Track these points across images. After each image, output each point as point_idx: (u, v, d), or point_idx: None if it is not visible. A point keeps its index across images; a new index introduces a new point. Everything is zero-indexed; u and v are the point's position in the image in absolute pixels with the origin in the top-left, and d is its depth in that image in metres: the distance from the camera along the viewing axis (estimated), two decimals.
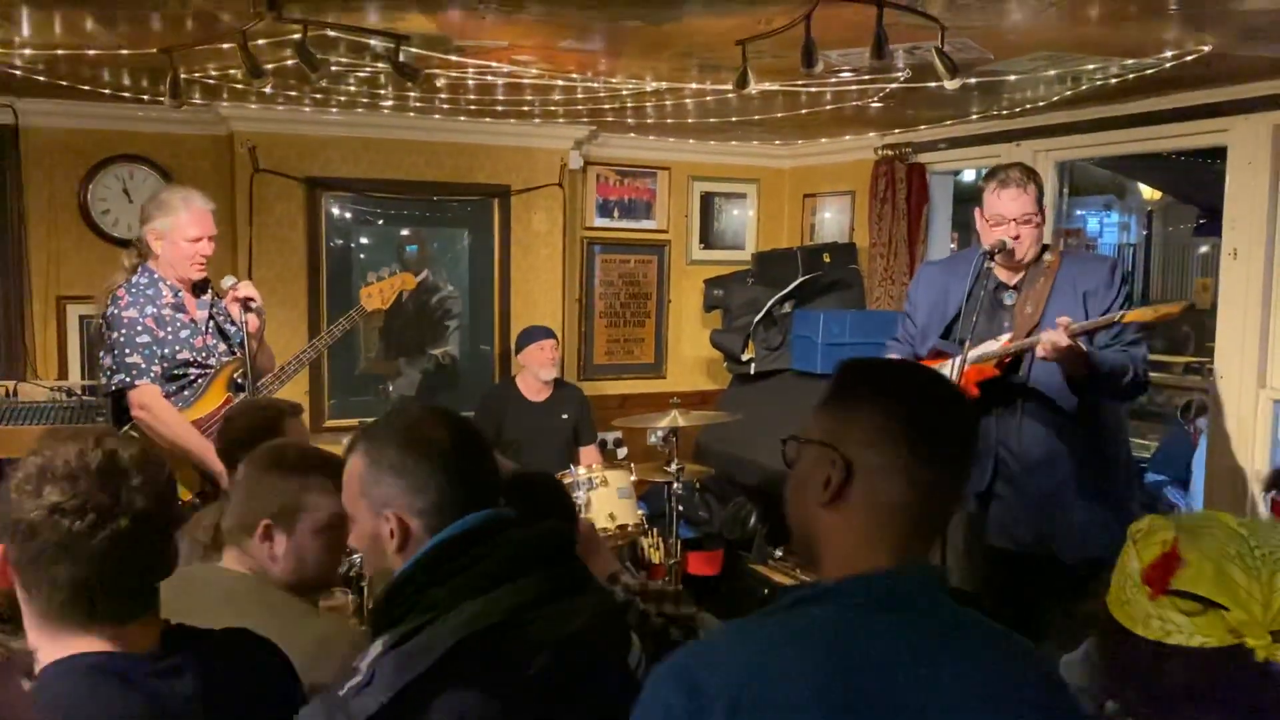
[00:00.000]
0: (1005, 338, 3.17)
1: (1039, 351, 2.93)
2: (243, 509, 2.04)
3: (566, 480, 4.15)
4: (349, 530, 1.65)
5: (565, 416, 4.94)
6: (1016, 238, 3.14)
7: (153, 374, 3.35)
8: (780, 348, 5.34)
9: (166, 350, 3.39)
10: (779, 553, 5.05)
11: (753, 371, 5.43)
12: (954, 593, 1.32)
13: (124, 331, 3.34)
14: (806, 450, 1.32)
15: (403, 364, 5.35)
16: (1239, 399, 3.83)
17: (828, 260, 5.48)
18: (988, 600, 3.20)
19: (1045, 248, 3.28)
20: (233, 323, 3.55)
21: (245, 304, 3.42)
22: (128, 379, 3.32)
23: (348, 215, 5.16)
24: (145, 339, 3.35)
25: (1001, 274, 3.25)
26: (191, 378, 3.45)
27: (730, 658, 1.20)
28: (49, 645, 1.33)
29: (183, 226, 3.42)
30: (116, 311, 3.35)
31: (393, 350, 5.31)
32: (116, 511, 1.29)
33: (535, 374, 4.91)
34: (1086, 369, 2.93)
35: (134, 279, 3.45)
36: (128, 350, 3.32)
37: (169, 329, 3.42)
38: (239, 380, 3.50)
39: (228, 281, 3.51)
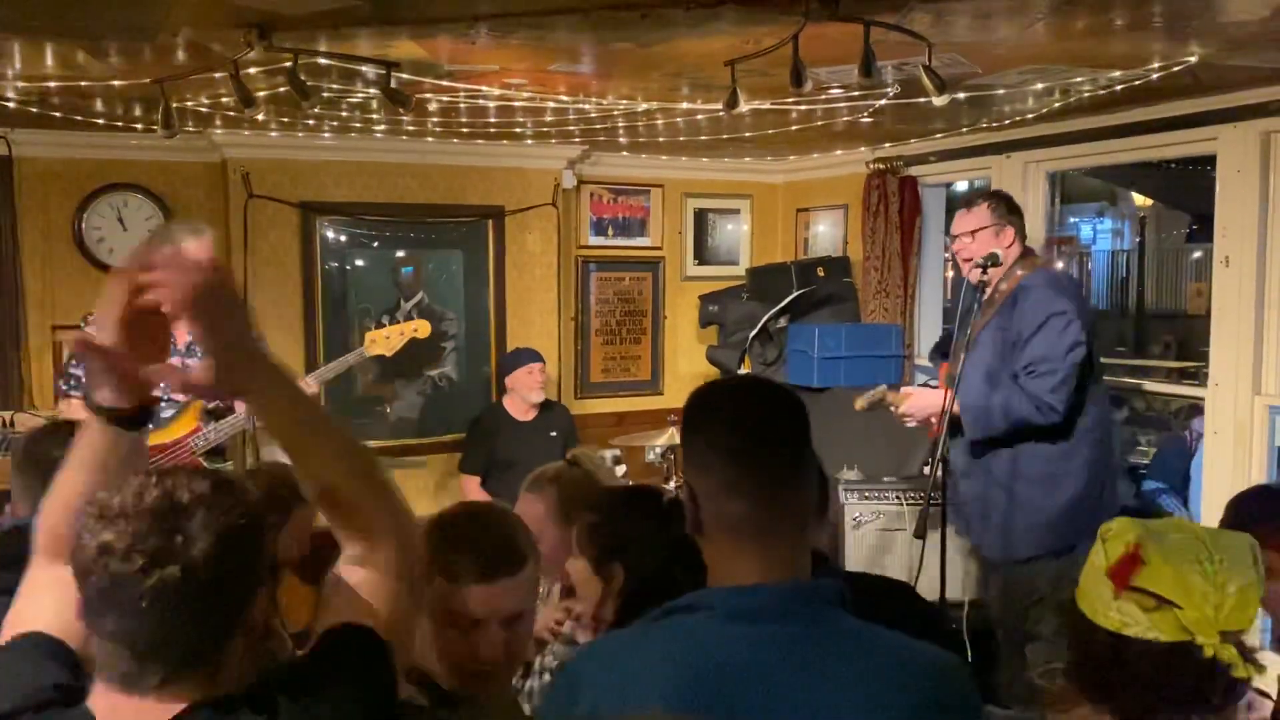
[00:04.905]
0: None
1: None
2: None
3: None
4: None
5: (554, 434, 4.96)
6: (966, 258, 3.46)
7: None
8: (776, 363, 5.35)
9: None
10: None
11: None
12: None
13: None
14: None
15: (400, 386, 5.35)
16: (1234, 406, 3.83)
17: (822, 274, 5.49)
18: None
19: (1021, 261, 3.40)
20: None
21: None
22: (66, 388, 3.52)
23: (343, 239, 5.17)
24: (79, 371, 3.48)
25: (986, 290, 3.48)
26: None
27: (604, 657, 1.33)
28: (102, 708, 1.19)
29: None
30: (83, 326, 3.61)
31: (390, 373, 5.31)
32: (167, 556, 1.13)
33: (524, 397, 4.92)
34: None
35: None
36: (77, 363, 3.53)
37: None
38: (210, 409, 3.54)
39: None
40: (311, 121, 4.38)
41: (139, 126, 4.24)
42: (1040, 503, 3.35)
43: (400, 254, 5.34)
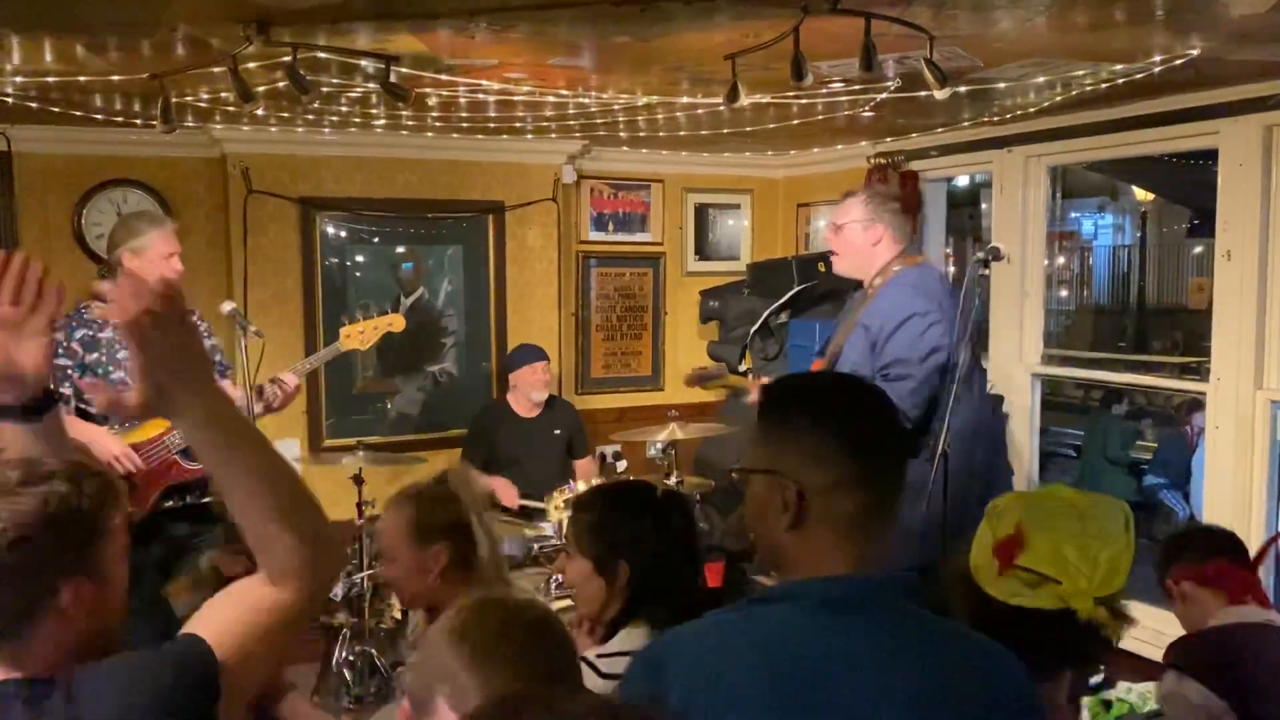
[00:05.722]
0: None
1: None
2: None
3: (565, 496, 4.15)
4: None
5: (558, 432, 4.95)
6: (833, 251, 3.44)
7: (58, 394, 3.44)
8: (777, 358, 5.34)
9: (100, 371, 3.49)
10: None
11: None
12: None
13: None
14: (756, 479, 1.37)
15: (400, 382, 5.34)
16: (1236, 401, 3.82)
17: (823, 269, 5.47)
18: None
19: (898, 259, 3.33)
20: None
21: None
22: None
23: (342, 234, 5.16)
24: (63, 361, 3.48)
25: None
26: None
27: (690, 647, 1.30)
28: None
29: (156, 244, 3.57)
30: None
31: (390, 368, 5.31)
32: None
33: (527, 395, 4.91)
34: None
35: (84, 302, 3.59)
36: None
37: (102, 351, 3.50)
38: None
39: (226, 307, 3.53)
40: (311, 116, 4.37)
41: (138, 122, 4.24)
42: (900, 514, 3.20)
43: (400, 249, 5.33)
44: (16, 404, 1.45)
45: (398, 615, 4.08)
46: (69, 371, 3.47)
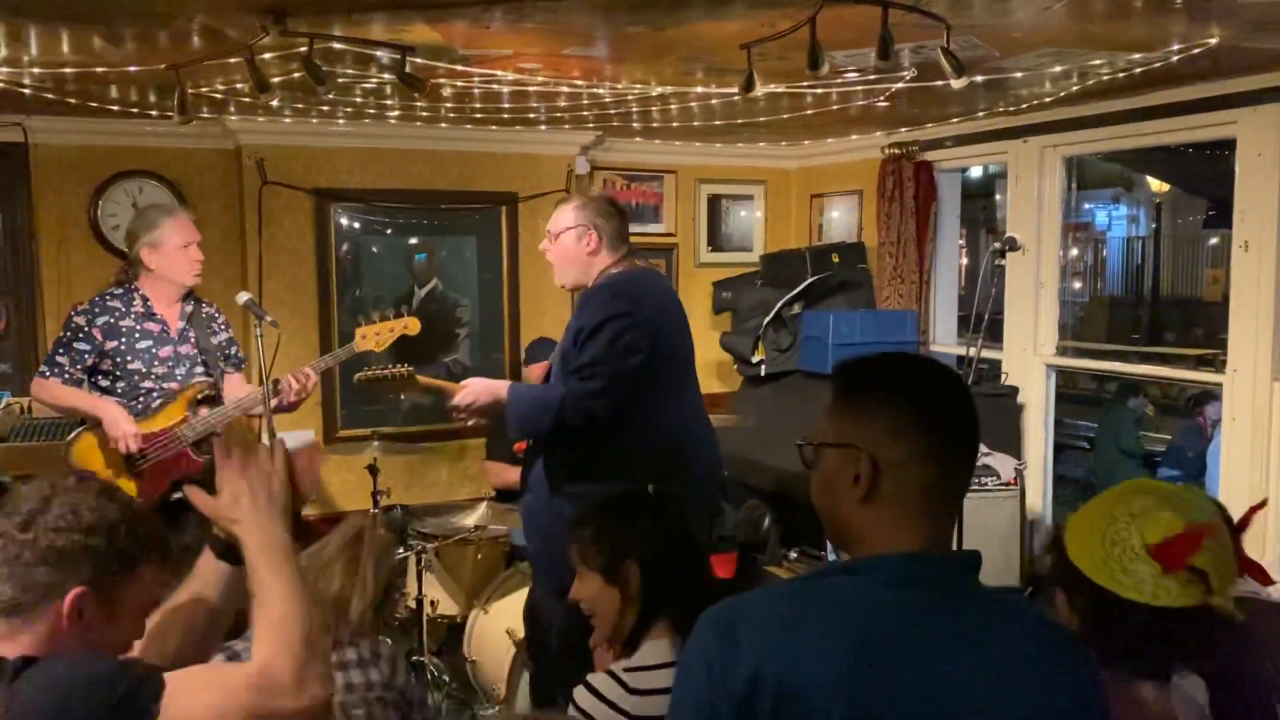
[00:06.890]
0: None
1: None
2: None
3: None
4: None
5: None
6: (550, 260, 3.32)
7: (67, 376, 3.49)
8: (790, 349, 5.33)
9: (118, 359, 3.52)
10: (793, 554, 5.05)
11: (763, 373, 5.43)
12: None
13: (67, 334, 3.53)
14: (828, 453, 1.37)
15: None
16: (1253, 392, 3.81)
17: (836, 260, 5.47)
18: None
19: (616, 263, 3.26)
20: (219, 333, 3.77)
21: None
22: (49, 373, 3.50)
23: (356, 225, 5.17)
24: (83, 346, 3.50)
25: None
26: (144, 391, 3.54)
27: (765, 617, 1.29)
28: None
29: (171, 235, 3.58)
30: (71, 315, 3.57)
31: (404, 359, 5.27)
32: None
33: None
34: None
35: (109, 289, 3.62)
36: (60, 350, 3.51)
37: (122, 339, 3.53)
38: (200, 398, 3.56)
39: (242, 298, 3.54)
40: (325, 108, 4.38)
41: (154, 113, 4.25)
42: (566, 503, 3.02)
43: (414, 240, 5.34)
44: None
45: (412, 605, 4.10)
46: (86, 356, 3.49)
